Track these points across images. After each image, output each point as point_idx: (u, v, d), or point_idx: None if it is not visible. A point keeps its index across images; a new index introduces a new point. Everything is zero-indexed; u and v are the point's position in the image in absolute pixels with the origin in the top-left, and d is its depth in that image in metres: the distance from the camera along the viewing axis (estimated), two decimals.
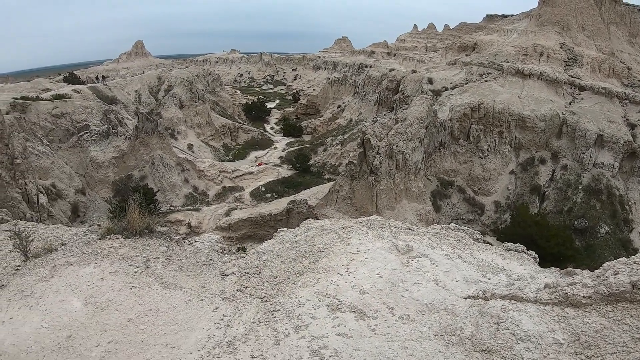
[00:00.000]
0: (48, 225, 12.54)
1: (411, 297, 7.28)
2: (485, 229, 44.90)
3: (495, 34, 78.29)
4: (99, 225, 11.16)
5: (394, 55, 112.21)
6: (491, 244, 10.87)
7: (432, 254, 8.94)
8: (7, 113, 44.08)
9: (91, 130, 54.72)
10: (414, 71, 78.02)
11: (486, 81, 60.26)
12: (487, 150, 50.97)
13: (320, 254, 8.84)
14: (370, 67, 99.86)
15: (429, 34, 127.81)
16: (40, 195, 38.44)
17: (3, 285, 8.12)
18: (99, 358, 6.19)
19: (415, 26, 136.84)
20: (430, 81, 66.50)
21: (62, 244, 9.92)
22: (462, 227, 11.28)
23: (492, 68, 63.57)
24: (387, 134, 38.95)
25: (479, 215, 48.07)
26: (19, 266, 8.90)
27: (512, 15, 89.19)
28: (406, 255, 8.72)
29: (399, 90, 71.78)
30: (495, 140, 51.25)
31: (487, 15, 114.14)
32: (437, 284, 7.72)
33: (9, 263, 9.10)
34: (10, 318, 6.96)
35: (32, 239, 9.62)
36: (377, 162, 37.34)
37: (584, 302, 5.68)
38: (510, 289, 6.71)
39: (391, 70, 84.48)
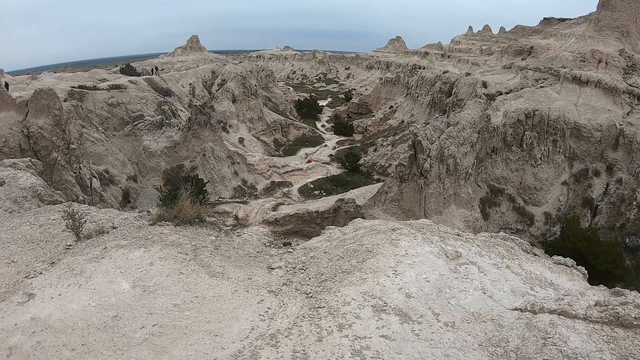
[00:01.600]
0: (100, 208, 12.94)
1: (457, 305, 7.16)
2: (533, 241, 43.56)
3: (552, 38, 75.81)
4: (149, 211, 11.47)
5: (448, 57, 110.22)
6: (539, 257, 10.60)
7: (480, 262, 8.76)
8: (65, 100, 45.63)
9: (145, 120, 56.13)
10: (468, 74, 76.48)
11: (542, 87, 58.43)
12: (540, 159, 49.47)
13: (368, 254, 8.80)
14: (424, 68, 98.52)
15: (484, 37, 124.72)
16: (94, 179, 39.70)
17: (54, 262, 8.42)
18: (143, 340, 6.33)
19: (470, 28, 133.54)
20: (484, 85, 65.07)
21: (113, 227, 10.23)
22: (512, 237, 11.02)
23: (549, 73, 61.60)
24: (439, 137, 38.29)
25: (528, 225, 46.70)
26: (70, 245, 9.21)
27: (570, 19, 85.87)
28: (454, 261, 8.58)
29: (452, 93, 70.53)
30: (549, 148, 49.68)
31: (544, 18, 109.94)
32: (485, 293, 7.56)
33: (60, 242, 9.42)
34: (59, 294, 7.20)
35: (85, 221, 9.95)
36: (427, 165, 36.77)
37: (635, 323, 5.51)
38: (559, 304, 6.52)
39: (445, 72, 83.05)
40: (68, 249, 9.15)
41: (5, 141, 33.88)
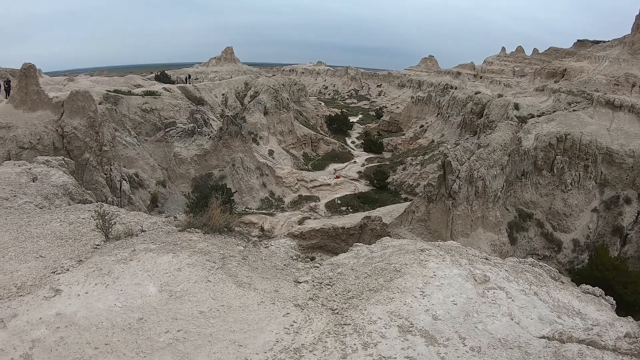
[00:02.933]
0: (129, 211, 13.15)
1: (484, 330, 7.05)
2: (560, 268, 42.56)
3: (586, 60, 74.71)
4: (176, 217, 11.60)
5: (480, 77, 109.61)
6: (567, 285, 10.40)
7: (508, 287, 8.63)
8: (99, 103, 46.38)
9: (177, 127, 56.89)
10: (500, 95, 75.76)
11: (574, 110, 57.45)
12: (571, 184, 48.49)
13: (396, 273, 8.72)
14: (456, 88, 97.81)
15: (517, 58, 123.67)
16: (124, 182, 40.28)
17: (81, 260, 8.56)
18: (167, 344, 6.35)
19: (503, 48, 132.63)
20: (516, 107, 64.33)
21: (142, 231, 10.37)
22: (540, 264, 10.86)
23: (582, 97, 60.52)
24: (469, 159, 37.86)
25: (556, 252, 45.70)
26: (98, 245, 9.36)
27: (604, 42, 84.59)
28: (482, 285, 8.45)
29: (484, 114, 69.88)
30: (579, 174, 48.65)
31: (578, 40, 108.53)
32: (512, 319, 7.44)
33: (89, 241, 9.59)
34: (86, 292, 7.30)
35: (114, 222, 10.10)
36: (456, 186, 36.35)
37: None
38: (588, 334, 6.39)
39: (477, 93, 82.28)
40: (96, 248, 9.31)
41: (40, 139, 34.63)
